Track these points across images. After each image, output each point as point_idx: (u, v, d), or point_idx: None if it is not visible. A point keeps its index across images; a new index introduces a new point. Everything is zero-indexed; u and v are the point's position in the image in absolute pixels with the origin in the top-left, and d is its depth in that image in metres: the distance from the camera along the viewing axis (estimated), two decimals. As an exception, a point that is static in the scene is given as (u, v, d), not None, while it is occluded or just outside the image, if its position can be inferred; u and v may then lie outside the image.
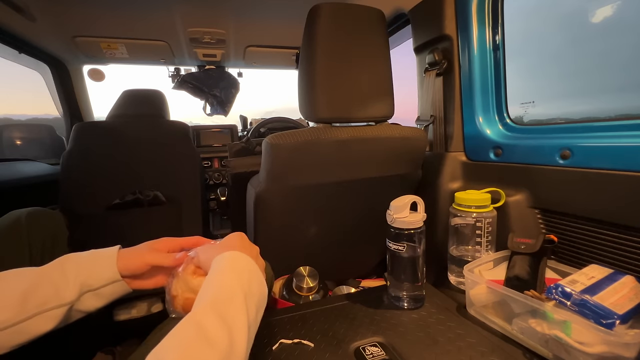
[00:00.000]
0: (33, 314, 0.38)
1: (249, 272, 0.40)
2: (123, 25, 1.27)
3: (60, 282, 0.41)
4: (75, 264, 0.44)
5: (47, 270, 0.42)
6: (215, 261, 0.41)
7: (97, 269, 0.44)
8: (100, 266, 0.45)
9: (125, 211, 1.20)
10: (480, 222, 0.72)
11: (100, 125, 1.27)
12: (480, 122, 0.86)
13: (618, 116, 0.65)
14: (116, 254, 0.46)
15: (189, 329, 0.30)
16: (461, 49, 0.87)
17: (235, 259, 0.41)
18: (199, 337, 0.29)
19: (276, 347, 0.59)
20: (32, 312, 0.38)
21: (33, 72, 1.55)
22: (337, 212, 0.87)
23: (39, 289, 0.40)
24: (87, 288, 0.43)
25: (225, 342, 0.30)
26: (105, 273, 0.45)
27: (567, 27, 0.80)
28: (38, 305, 0.39)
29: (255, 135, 1.67)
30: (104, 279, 0.44)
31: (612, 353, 0.45)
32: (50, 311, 0.39)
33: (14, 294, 0.38)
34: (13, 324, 0.37)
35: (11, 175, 1.12)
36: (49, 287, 0.40)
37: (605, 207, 0.59)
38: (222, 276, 0.38)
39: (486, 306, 0.65)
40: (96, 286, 0.44)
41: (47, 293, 0.40)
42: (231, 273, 0.38)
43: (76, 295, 0.41)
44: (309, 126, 1.04)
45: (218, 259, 0.41)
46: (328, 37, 0.71)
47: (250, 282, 0.39)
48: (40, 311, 0.39)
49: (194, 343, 0.29)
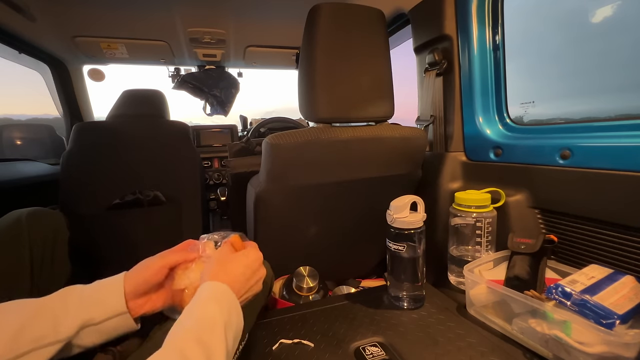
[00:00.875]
0: (26, 350, 0.36)
1: (228, 304, 0.41)
2: (123, 25, 1.27)
3: (60, 316, 0.39)
4: (79, 295, 0.42)
5: (49, 301, 0.41)
6: (201, 289, 0.41)
7: (102, 298, 0.43)
8: (106, 296, 0.43)
9: (126, 211, 1.20)
10: (480, 222, 0.72)
11: (100, 125, 1.27)
12: (480, 122, 0.86)
13: (618, 116, 0.65)
14: (123, 278, 0.45)
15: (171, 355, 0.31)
16: (461, 49, 0.87)
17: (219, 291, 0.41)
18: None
19: (276, 347, 0.59)
20: (26, 348, 0.36)
21: (33, 72, 1.55)
22: (337, 212, 0.87)
23: (37, 323, 0.38)
24: (89, 322, 0.41)
25: None
26: (110, 302, 0.43)
27: (566, 26, 0.80)
28: (33, 341, 0.37)
29: (255, 135, 1.67)
30: (108, 311, 0.42)
31: (612, 353, 0.45)
32: (45, 347, 0.37)
33: (9, 329, 0.36)
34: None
35: (11, 175, 1.12)
36: (47, 321, 0.38)
37: (605, 207, 0.59)
38: (205, 305, 0.38)
39: (486, 306, 0.65)
40: (98, 320, 0.42)
41: (45, 328, 0.38)
42: (214, 304, 0.39)
43: (75, 330, 0.40)
44: (309, 126, 1.04)
45: (203, 287, 0.41)
46: (328, 37, 0.71)
47: (230, 313, 0.39)
48: (35, 347, 0.36)
49: None
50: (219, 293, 0.41)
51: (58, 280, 0.72)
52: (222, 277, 0.43)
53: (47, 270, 0.69)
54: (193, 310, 0.38)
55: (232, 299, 0.41)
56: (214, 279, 0.42)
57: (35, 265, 0.66)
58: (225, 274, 0.43)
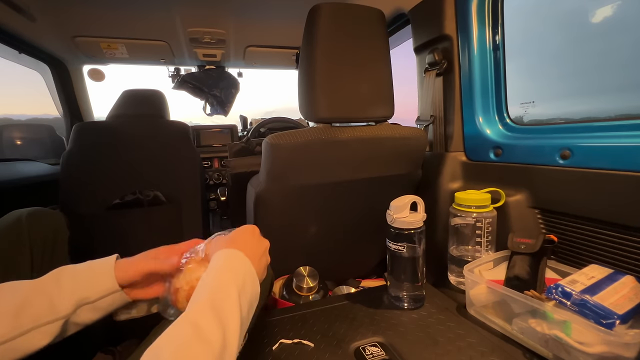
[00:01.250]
0: (28, 329, 0.37)
1: (244, 272, 0.41)
2: (123, 25, 1.27)
3: (55, 295, 0.40)
4: (72, 276, 0.43)
5: (42, 283, 0.41)
6: (214, 258, 0.41)
7: (94, 279, 0.44)
8: (98, 277, 0.44)
9: (126, 211, 1.20)
10: (480, 222, 0.72)
11: (100, 125, 1.27)
12: (480, 122, 0.86)
13: (618, 116, 0.65)
14: (114, 263, 0.46)
15: (185, 327, 0.31)
16: (461, 49, 0.87)
17: (231, 257, 0.41)
18: (194, 336, 0.30)
19: (276, 347, 0.59)
20: (27, 327, 0.37)
21: (33, 72, 1.55)
22: (337, 212, 0.87)
23: (34, 303, 0.38)
24: (84, 301, 0.42)
25: (220, 341, 0.30)
26: (103, 284, 0.44)
27: (566, 26, 0.80)
28: (33, 320, 0.37)
29: (255, 135, 1.67)
30: (101, 291, 0.43)
31: (612, 353, 0.45)
32: (45, 326, 0.38)
33: (8, 309, 0.37)
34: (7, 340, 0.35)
35: (11, 175, 1.12)
36: (43, 300, 0.39)
37: (605, 207, 0.59)
38: (218, 274, 0.38)
39: (486, 306, 0.65)
40: (93, 298, 0.42)
41: (42, 307, 0.39)
42: (227, 272, 0.39)
43: (72, 308, 0.40)
44: (309, 126, 1.04)
45: (216, 256, 0.41)
46: (328, 37, 0.71)
47: (244, 280, 0.39)
48: (35, 326, 0.37)
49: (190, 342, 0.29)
50: (233, 259, 0.41)
51: (58, 280, 0.72)
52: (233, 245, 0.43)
53: (47, 270, 0.68)
54: (207, 280, 0.38)
55: (246, 264, 0.42)
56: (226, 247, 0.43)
57: (35, 265, 0.66)
58: (234, 243, 0.44)
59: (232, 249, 0.43)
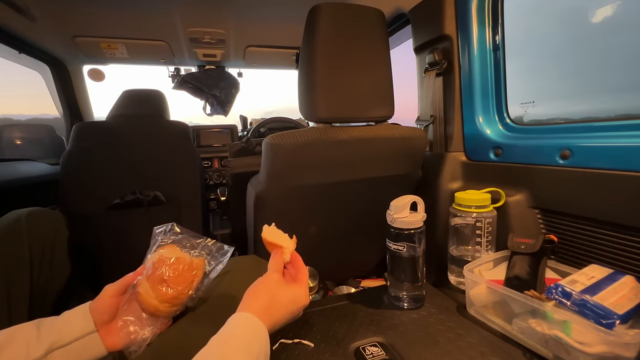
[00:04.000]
0: None
1: (261, 354, 0.36)
2: (123, 25, 1.27)
3: (32, 339, 0.40)
4: (51, 320, 0.43)
5: (26, 326, 0.41)
6: (230, 323, 0.37)
7: (69, 321, 0.43)
8: (72, 319, 0.44)
9: (125, 211, 1.20)
10: (480, 222, 0.72)
11: (100, 125, 1.27)
12: (480, 122, 0.86)
13: (618, 116, 0.65)
14: (88, 304, 0.46)
15: None
16: (461, 49, 0.87)
17: (252, 333, 0.37)
18: None
19: (276, 347, 0.59)
20: None
21: (33, 72, 1.55)
22: (337, 212, 0.87)
23: (12, 345, 0.39)
24: (57, 344, 0.41)
25: None
26: (78, 324, 0.43)
27: (567, 26, 0.80)
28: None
29: (255, 135, 1.67)
30: (75, 332, 0.42)
31: (612, 353, 0.45)
32: None
33: None
34: None
35: (11, 175, 1.12)
36: (22, 343, 0.39)
37: (605, 207, 0.59)
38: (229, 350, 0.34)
39: (486, 306, 0.65)
40: (66, 341, 0.42)
41: (19, 350, 0.39)
42: (243, 354, 0.34)
43: (43, 352, 0.40)
44: (309, 126, 1.04)
45: (234, 322, 0.37)
46: (328, 37, 0.71)
47: None
48: None
49: None
50: (252, 336, 0.37)
51: (58, 279, 0.72)
52: (263, 315, 0.39)
53: (46, 270, 0.69)
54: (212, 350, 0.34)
55: (265, 341, 0.38)
56: (255, 312, 0.39)
57: (35, 265, 0.66)
58: (269, 309, 0.40)
59: (258, 319, 0.38)
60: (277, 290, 0.43)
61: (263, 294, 0.42)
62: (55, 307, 0.71)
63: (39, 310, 0.65)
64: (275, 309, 0.41)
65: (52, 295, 0.71)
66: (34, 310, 0.64)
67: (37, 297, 0.66)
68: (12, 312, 0.60)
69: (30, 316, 0.63)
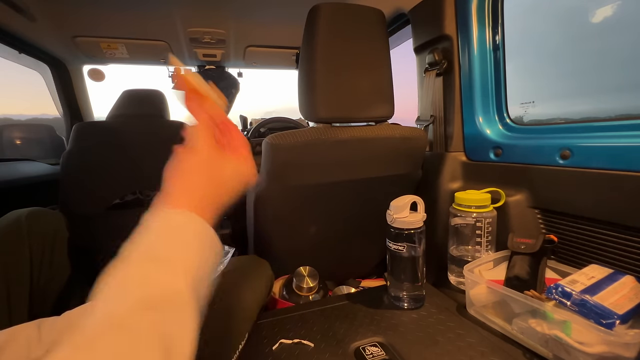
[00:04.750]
0: None
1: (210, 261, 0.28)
2: (123, 25, 1.27)
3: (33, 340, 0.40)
4: (52, 320, 0.43)
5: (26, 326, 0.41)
6: (156, 224, 0.28)
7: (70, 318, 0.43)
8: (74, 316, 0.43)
9: (126, 211, 1.20)
10: (480, 222, 0.72)
11: (100, 125, 1.27)
12: (480, 122, 0.86)
13: (618, 116, 0.65)
14: None
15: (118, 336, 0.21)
16: (461, 49, 0.87)
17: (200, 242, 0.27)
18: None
19: (276, 347, 0.59)
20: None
21: (33, 72, 1.55)
22: (337, 212, 0.87)
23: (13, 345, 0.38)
24: None
25: None
26: None
27: (566, 26, 0.80)
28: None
29: (255, 135, 1.67)
30: None
31: (612, 353, 0.45)
32: None
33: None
34: None
35: (11, 175, 1.12)
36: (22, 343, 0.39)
37: (605, 207, 0.59)
38: (156, 265, 0.26)
39: (486, 306, 0.65)
40: None
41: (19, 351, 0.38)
42: (173, 266, 0.26)
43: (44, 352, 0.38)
44: (309, 126, 1.04)
45: (158, 223, 0.27)
46: (328, 37, 0.71)
47: (202, 275, 0.27)
48: None
49: None
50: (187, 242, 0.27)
51: (58, 279, 0.72)
52: (204, 209, 0.29)
53: (46, 270, 0.69)
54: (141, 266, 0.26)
55: (215, 243, 0.29)
56: (183, 206, 0.28)
57: (35, 265, 0.66)
58: (210, 207, 0.29)
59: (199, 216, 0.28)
60: (214, 169, 0.31)
61: (197, 178, 0.31)
62: (55, 307, 0.70)
63: (39, 310, 0.65)
64: (216, 195, 0.31)
65: (52, 295, 0.71)
66: (34, 310, 0.64)
67: (37, 297, 0.66)
68: (12, 312, 0.60)
69: (30, 316, 0.63)
